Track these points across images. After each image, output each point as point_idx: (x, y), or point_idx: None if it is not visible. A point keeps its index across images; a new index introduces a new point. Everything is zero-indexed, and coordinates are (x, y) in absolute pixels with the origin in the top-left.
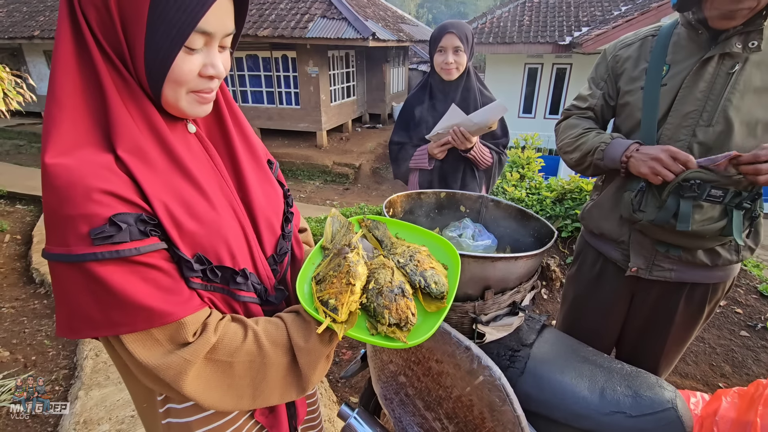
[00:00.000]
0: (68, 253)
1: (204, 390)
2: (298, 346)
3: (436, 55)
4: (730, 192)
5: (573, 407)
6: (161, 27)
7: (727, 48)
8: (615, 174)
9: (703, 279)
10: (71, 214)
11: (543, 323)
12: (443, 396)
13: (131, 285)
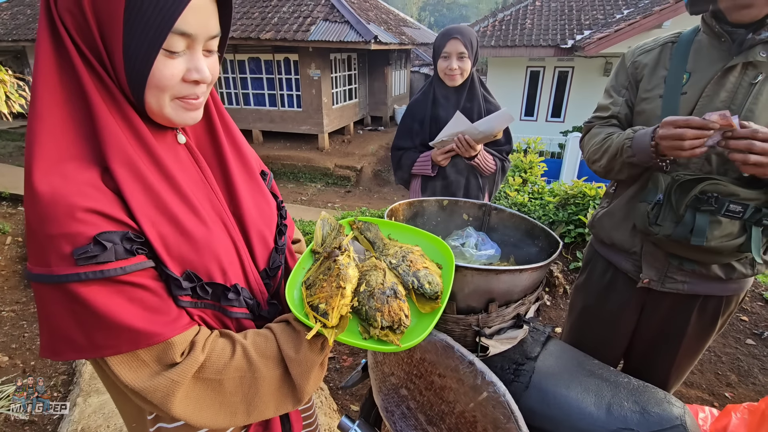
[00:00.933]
0: (50, 274)
1: (194, 410)
2: (288, 357)
3: (440, 60)
4: (750, 207)
5: (579, 424)
6: (138, 29)
7: (750, 57)
8: (629, 182)
9: (717, 291)
10: (53, 234)
11: (548, 335)
12: (446, 411)
13: (115, 306)
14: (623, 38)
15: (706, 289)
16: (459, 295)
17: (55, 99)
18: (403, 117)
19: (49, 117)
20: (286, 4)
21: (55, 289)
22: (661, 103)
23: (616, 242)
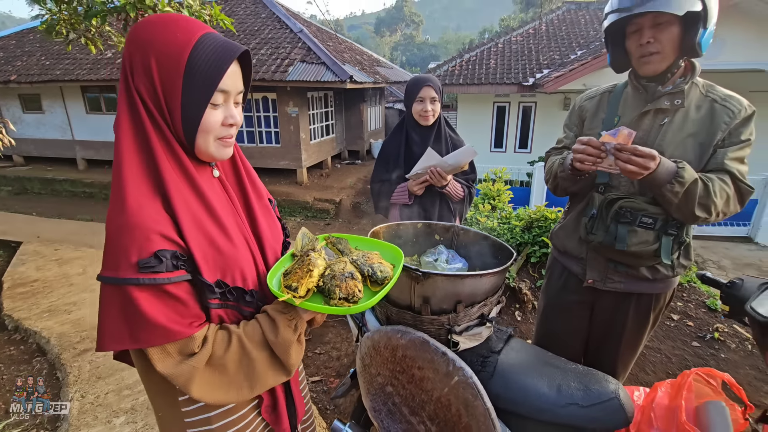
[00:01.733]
0: (116, 276)
1: (208, 391)
2: (270, 340)
3: (415, 104)
4: (659, 220)
5: (535, 403)
6: (192, 92)
7: (658, 105)
8: (577, 200)
9: (647, 290)
10: (127, 246)
11: (510, 334)
12: (425, 399)
13: (155, 308)
14: (577, 76)
15: (638, 287)
16: (432, 299)
17: (131, 147)
18: (380, 153)
19: (129, 161)
20: (264, 46)
21: (117, 290)
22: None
23: (568, 250)
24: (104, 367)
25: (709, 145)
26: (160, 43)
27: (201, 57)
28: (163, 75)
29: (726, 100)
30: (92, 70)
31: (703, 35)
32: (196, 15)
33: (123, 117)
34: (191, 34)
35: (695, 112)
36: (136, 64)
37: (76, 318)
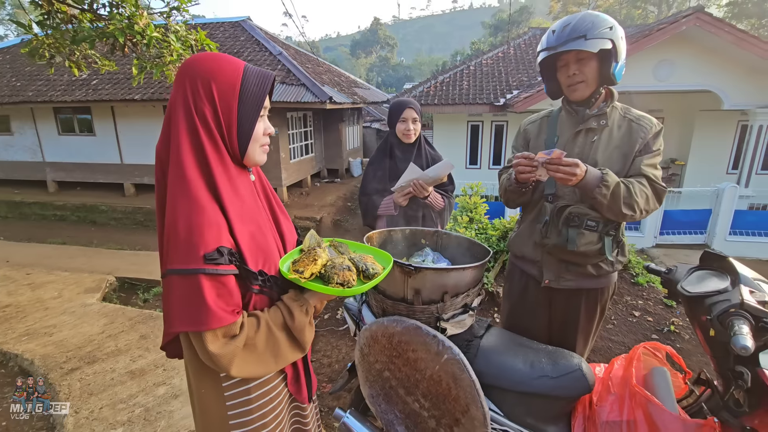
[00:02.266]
0: (186, 267)
1: (244, 367)
2: (288, 323)
3: (399, 123)
4: (601, 223)
5: (512, 377)
6: (245, 111)
7: (588, 125)
8: (528, 210)
9: (593, 285)
10: (195, 242)
11: (489, 323)
12: (419, 378)
13: (212, 296)
14: (544, 97)
15: (586, 284)
16: (423, 291)
17: (191, 159)
18: (367, 169)
19: (191, 170)
20: None
21: (186, 279)
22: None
23: (525, 255)
24: (95, 384)
25: (629, 156)
26: (218, 74)
27: (249, 82)
28: (222, 98)
29: (640, 119)
30: (66, 91)
31: (616, 67)
32: (183, 40)
33: (182, 135)
34: (238, 65)
35: (617, 130)
36: (198, 91)
37: (59, 340)
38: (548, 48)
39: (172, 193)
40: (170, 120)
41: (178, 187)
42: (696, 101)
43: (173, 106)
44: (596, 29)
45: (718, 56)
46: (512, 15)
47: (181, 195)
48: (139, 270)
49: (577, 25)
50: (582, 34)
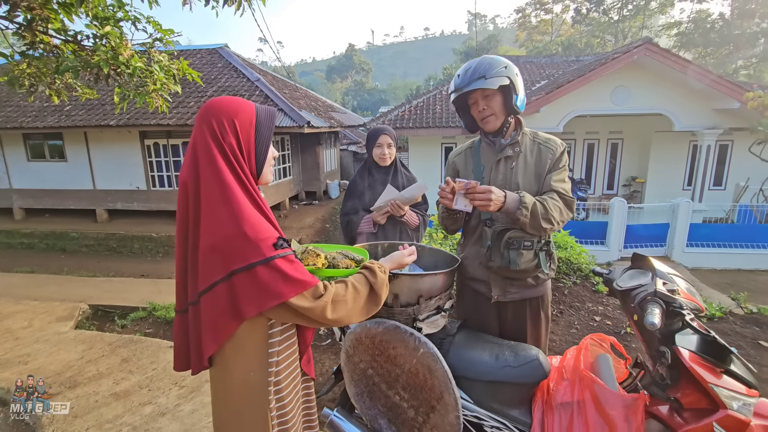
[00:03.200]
0: (264, 257)
1: (339, 317)
2: (371, 281)
3: (375, 148)
4: (536, 242)
5: (480, 368)
6: (260, 139)
7: (505, 154)
8: (469, 235)
9: (534, 294)
10: (263, 238)
11: (460, 324)
12: (399, 372)
13: (291, 270)
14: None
15: (528, 294)
16: (401, 295)
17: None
18: (347, 191)
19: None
20: (222, 94)
21: (266, 265)
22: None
23: (474, 275)
24: (79, 407)
25: (542, 175)
26: (239, 112)
27: (261, 117)
28: (243, 131)
29: (547, 141)
30: (38, 117)
31: (517, 99)
32: (166, 69)
33: (219, 160)
34: (251, 105)
35: (530, 154)
36: (224, 126)
37: (35, 368)
38: (456, 90)
39: (222, 210)
40: (197, 150)
41: (231, 204)
42: (651, 123)
43: (201, 138)
44: (493, 69)
45: (668, 82)
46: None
47: (237, 209)
48: (113, 297)
49: (477, 68)
50: (482, 75)
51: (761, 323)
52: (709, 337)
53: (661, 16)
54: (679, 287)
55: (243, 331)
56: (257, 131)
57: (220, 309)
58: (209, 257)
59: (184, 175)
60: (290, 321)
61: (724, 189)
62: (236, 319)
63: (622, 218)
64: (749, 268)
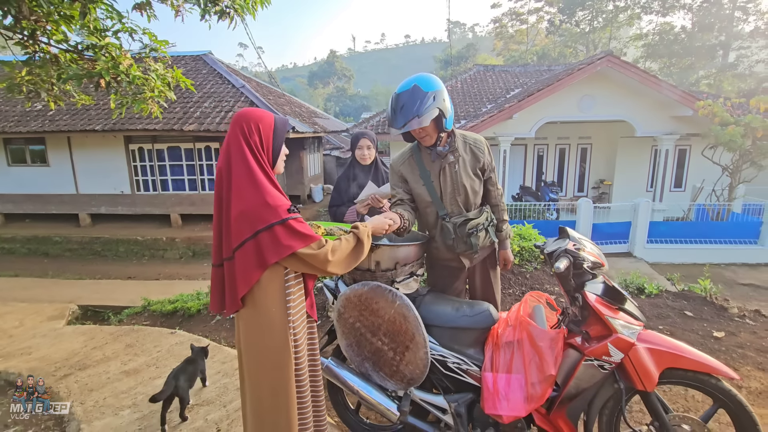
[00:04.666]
0: (281, 219)
1: (336, 259)
2: (358, 233)
3: (357, 150)
4: (485, 223)
5: (444, 318)
6: (277, 139)
7: (448, 161)
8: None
9: (487, 253)
10: (279, 204)
11: (429, 289)
12: (381, 322)
13: (301, 227)
14: (488, 126)
15: (484, 254)
16: (381, 262)
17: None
18: (335, 186)
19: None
20: (207, 100)
21: (282, 225)
22: (426, 188)
23: (445, 257)
24: (92, 383)
25: (476, 170)
26: (262, 119)
27: (278, 124)
28: (264, 133)
29: (475, 142)
30: (20, 122)
31: (447, 122)
32: (162, 77)
33: (246, 152)
34: (271, 115)
35: (466, 155)
36: (252, 128)
37: (40, 356)
38: (395, 129)
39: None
40: (231, 144)
41: (256, 182)
42: (617, 129)
43: (234, 136)
44: (424, 106)
45: (630, 91)
46: (460, 51)
47: (260, 186)
48: (102, 298)
49: (408, 107)
50: (416, 114)
51: (689, 298)
52: (610, 284)
53: (630, 27)
54: (584, 247)
55: (266, 278)
56: (274, 134)
57: (249, 260)
58: (239, 222)
59: (220, 163)
60: (299, 269)
61: (684, 190)
62: (261, 267)
63: (588, 217)
64: (703, 262)
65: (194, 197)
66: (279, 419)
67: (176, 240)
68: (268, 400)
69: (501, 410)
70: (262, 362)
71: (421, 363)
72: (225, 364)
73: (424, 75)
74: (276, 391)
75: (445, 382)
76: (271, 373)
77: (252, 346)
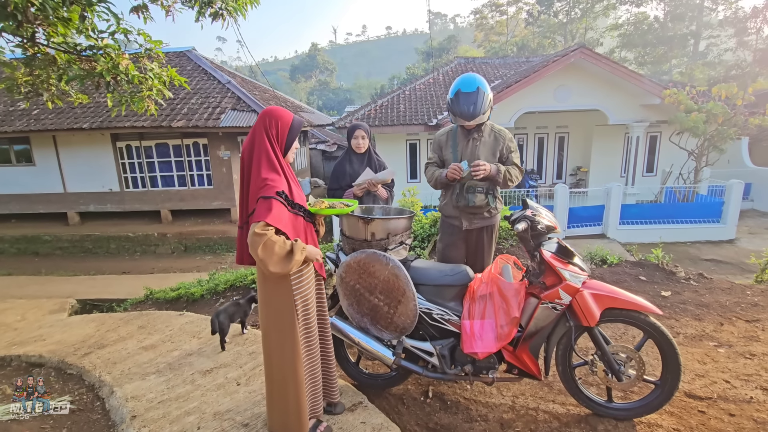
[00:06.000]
0: (270, 195)
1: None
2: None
3: (352, 140)
4: (485, 188)
5: (429, 277)
6: (291, 134)
7: (472, 137)
8: (447, 189)
9: (487, 223)
10: (273, 186)
11: (417, 256)
12: (376, 282)
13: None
14: None
15: (484, 223)
16: (376, 234)
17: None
18: (333, 172)
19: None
20: (194, 96)
21: (264, 200)
22: (452, 154)
23: (449, 214)
24: (114, 358)
25: (497, 151)
26: (282, 117)
27: (294, 123)
28: (281, 128)
29: (500, 132)
30: (5, 121)
31: (489, 116)
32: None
33: (266, 142)
34: (291, 115)
35: (488, 138)
36: (272, 123)
37: (56, 341)
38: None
39: (262, 169)
40: (255, 134)
41: (270, 165)
42: (592, 118)
43: (259, 128)
44: (486, 105)
45: (602, 82)
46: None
47: (270, 168)
48: (99, 292)
49: (477, 105)
50: (484, 111)
51: (644, 266)
52: (561, 244)
53: (606, 18)
54: (540, 213)
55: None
56: (290, 130)
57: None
58: (253, 194)
59: (245, 146)
60: None
61: (656, 175)
62: None
63: (564, 202)
64: (671, 241)
65: (184, 193)
66: (285, 365)
67: (168, 235)
68: (276, 350)
69: (477, 348)
70: (269, 316)
71: (411, 314)
72: (235, 336)
73: (478, 77)
74: (282, 342)
75: (431, 331)
76: (276, 325)
77: (263, 302)
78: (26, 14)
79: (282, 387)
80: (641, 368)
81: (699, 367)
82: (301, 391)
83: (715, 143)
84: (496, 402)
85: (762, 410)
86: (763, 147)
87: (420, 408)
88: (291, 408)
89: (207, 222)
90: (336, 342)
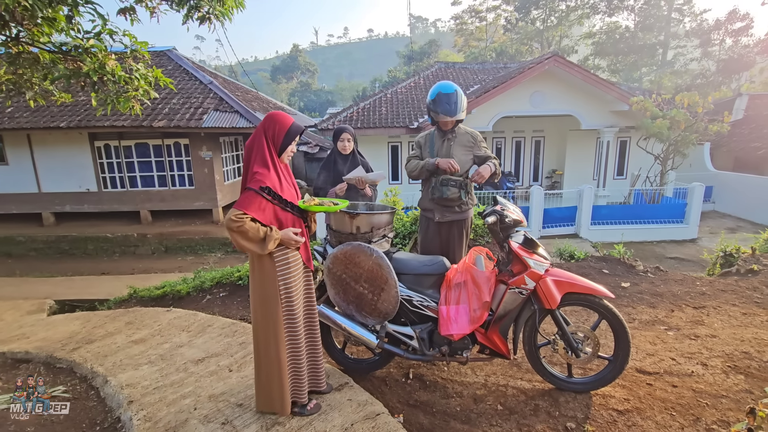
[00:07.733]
0: (256, 188)
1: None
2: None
3: (338, 142)
4: (458, 183)
5: (409, 267)
6: (288, 138)
7: (447, 137)
8: (425, 182)
9: (459, 218)
10: (260, 179)
11: (399, 248)
12: (361, 272)
13: (252, 198)
14: None
15: (456, 217)
16: (360, 227)
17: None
18: (319, 172)
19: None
20: (176, 96)
21: (248, 190)
22: (430, 153)
23: (426, 207)
24: (104, 351)
25: (470, 149)
26: (281, 122)
27: (292, 128)
28: (278, 131)
29: (471, 132)
30: None
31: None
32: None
33: (264, 141)
34: (290, 119)
35: (462, 138)
36: (272, 126)
37: (41, 338)
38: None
39: (255, 164)
40: (257, 132)
41: (263, 161)
42: (566, 123)
43: (259, 130)
44: (463, 106)
45: (575, 88)
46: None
47: (262, 164)
48: (78, 292)
49: (458, 104)
50: (463, 110)
51: (607, 260)
52: (528, 236)
53: (581, 26)
54: (508, 209)
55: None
56: (286, 134)
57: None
58: (244, 185)
59: (247, 145)
60: None
61: (626, 178)
62: None
63: (540, 203)
64: (639, 240)
65: (164, 193)
66: (269, 348)
67: (148, 236)
68: (261, 334)
69: (453, 330)
70: (257, 303)
71: (393, 300)
72: (224, 329)
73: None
74: (266, 326)
75: (411, 316)
76: (262, 311)
77: (252, 290)
78: (14, 15)
79: (267, 368)
80: (596, 346)
81: (650, 347)
82: (284, 373)
83: (679, 148)
84: (470, 380)
85: (700, 382)
86: (723, 152)
87: (401, 388)
88: (275, 387)
89: (188, 222)
90: (323, 329)
